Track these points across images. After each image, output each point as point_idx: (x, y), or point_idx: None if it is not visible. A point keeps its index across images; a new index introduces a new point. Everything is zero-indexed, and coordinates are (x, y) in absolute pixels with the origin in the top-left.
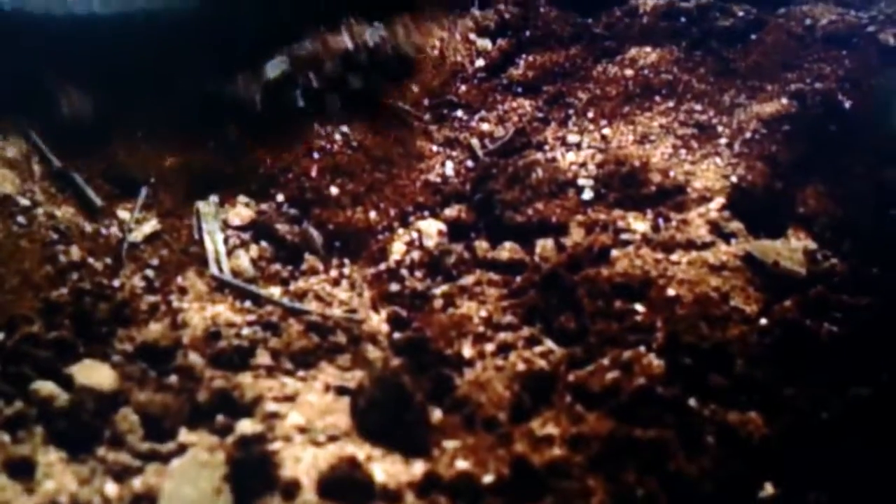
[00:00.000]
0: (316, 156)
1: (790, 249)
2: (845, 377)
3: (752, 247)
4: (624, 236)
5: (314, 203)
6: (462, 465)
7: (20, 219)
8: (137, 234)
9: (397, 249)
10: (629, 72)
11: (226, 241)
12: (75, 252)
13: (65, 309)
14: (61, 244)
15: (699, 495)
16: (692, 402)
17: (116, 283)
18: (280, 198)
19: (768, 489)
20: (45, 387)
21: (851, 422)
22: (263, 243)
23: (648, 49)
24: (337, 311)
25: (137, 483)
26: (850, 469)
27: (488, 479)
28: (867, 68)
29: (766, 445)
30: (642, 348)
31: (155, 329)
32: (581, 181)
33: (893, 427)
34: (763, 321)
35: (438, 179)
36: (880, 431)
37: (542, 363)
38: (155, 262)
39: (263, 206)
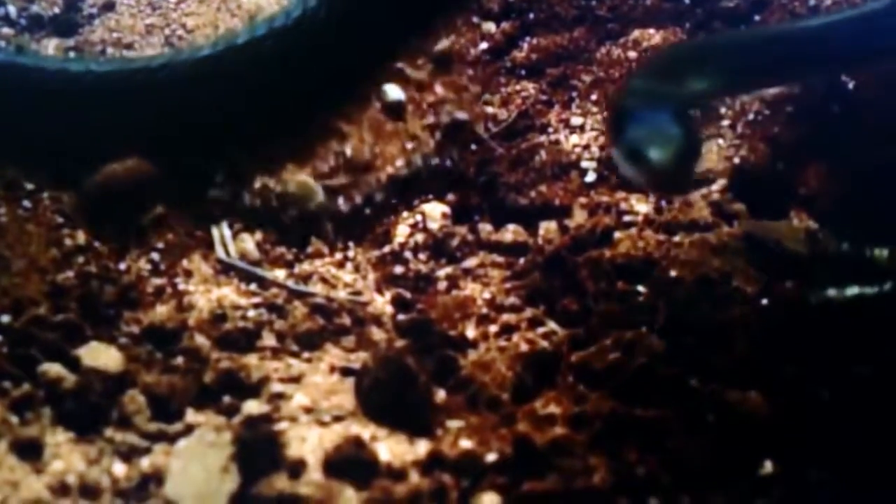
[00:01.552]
0: None
1: (792, 230)
2: (846, 356)
3: (754, 227)
4: (626, 218)
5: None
6: (466, 444)
7: (26, 203)
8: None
9: (401, 232)
10: (633, 54)
11: (231, 224)
12: (81, 236)
13: (71, 292)
14: (67, 228)
15: (699, 473)
16: (693, 381)
17: (122, 266)
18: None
19: (768, 467)
20: (53, 369)
21: (852, 401)
22: (268, 226)
23: (652, 31)
24: (342, 294)
25: (145, 463)
26: (850, 447)
27: (491, 457)
28: None
29: (766, 424)
30: (644, 329)
31: (161, 311)
32: (584, 163)
33: (892, 406)
34: (764, 301)
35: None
36: (881, 410)
37: (544, 344)
38: (160, 245)
39: None
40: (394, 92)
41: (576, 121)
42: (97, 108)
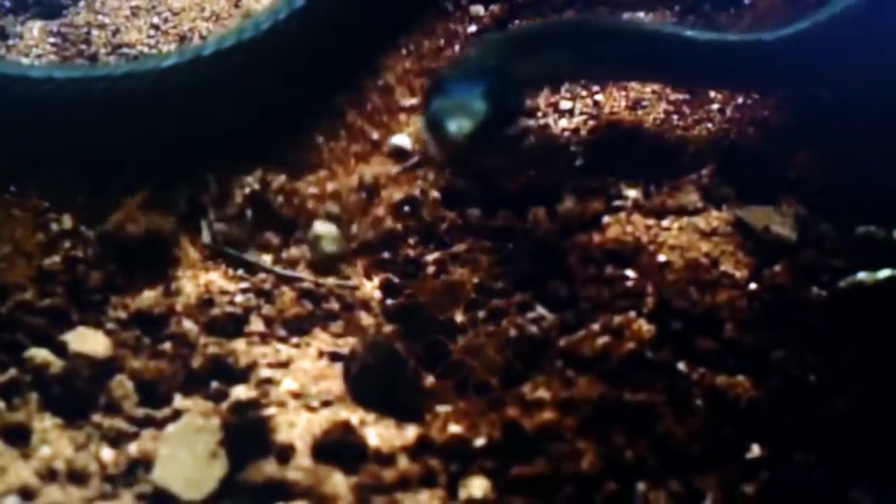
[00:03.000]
0: None
1: (781, 214)
2: (834, 341)
3: (743, 212)
4: (616, 203)
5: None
6: (454, 429)
7: (11, 187)
8: None
9: (390, 217)
10: None
11: (218, 210)
12: (67, 220)
13: (58, 277)
14: (53, 212)
15: (687, 457)
16: (681, 366)
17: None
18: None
19: (755, 451)
20: (40, 354)
21: (838, 385)
22: (256, 210)
23: (642, 14)
24: (330, 279)
25: (133, 448)
26: (836, 431)
27: (480, 442)
28: None
29: (753, 408)
30: (633, 314)
31: (148, 296)
32: (573, 147)
33: (879, 390)
34: (753, 286)
35: None
36: (867, 394)
37: (533, 329)
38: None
39: None
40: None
41: (565, 105)
42: (56, 117)
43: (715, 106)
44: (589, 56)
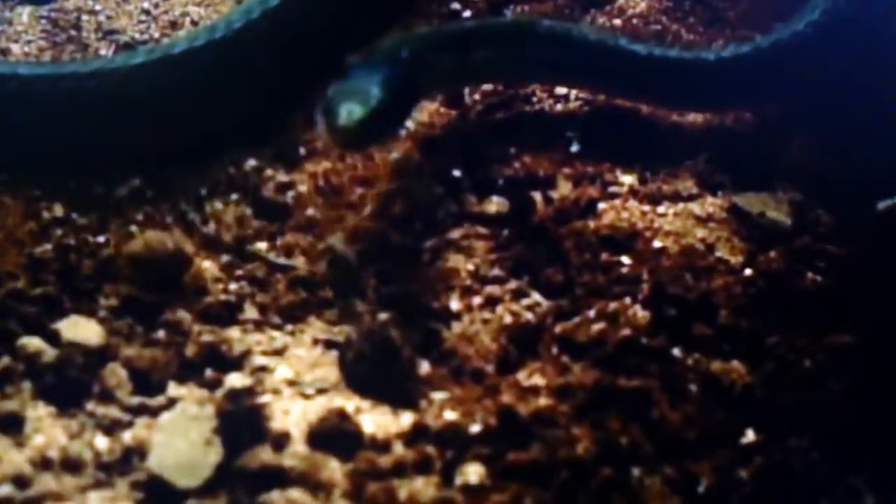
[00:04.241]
0: None
1: (776, 200)
2: (828, 326)
3: (739, 198)
4: (611, 189)
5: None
6: (450, 415)
7: (2, 174)
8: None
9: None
10: (618, 21)
11: (210, 197)
12: (59, 208)
13: (50, 265)
14: (45, 200)
15: (682, 442)
16: (676, 351)
17: (101, 238)
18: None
19: (750, 435)
20: (32, 342)
21: (833, 370)
22: (249, 199)
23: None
24: (324, 266)
25: (127, 436)
26: (830, 415)
27: (475, 428)
28: None
29: (748, 393)
30: (628, 300)
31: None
32: (569, 133)
33: (873, 375)
34: (748, 272)
35: None
36: (861, 379)
37: (528, 315)
38: (140, 217)
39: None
40: None
41: (560, 90)
42: (23, 114)
43: None
44: (515, 58)
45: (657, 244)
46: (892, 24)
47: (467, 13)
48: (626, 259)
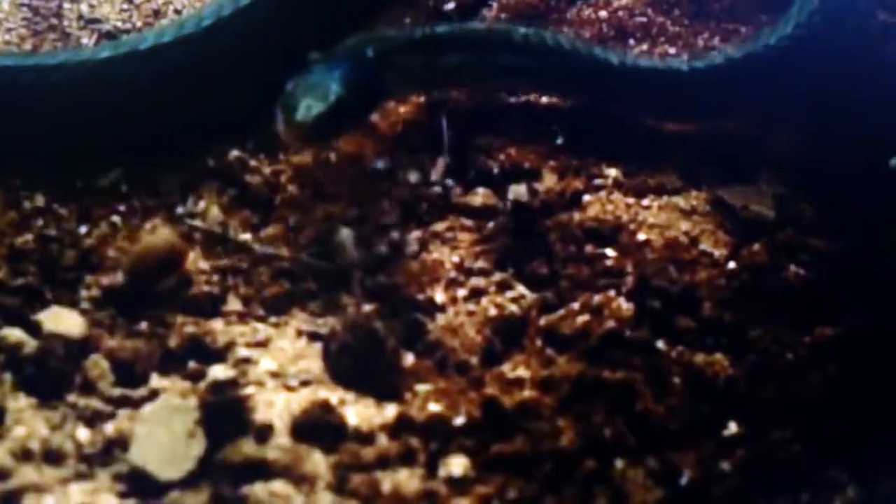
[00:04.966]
0: None
1: (760, 193)
2: (811, 319)
3: (723, 191)
4: (596, 181)
5: None
6: (434, 407)
7: None
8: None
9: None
10: (604, 13)
11: (195, 187)
12: (40, 198)
13: (31, 255)
14: (25, 190)
15: (665, 434)
16: (660, 344)
17: (83, 229)
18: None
19: (732, 428)
20: (13, 334)
21: (815, 362)
22: (232, 190)
23: None
24: (308, 257)
25: (109, 428)
26: (812, 408)
27: (459, 420)
28: None
29: (731, 386)
30: (612, 292)
31: (123, 275)
32: (554, 126)
33: (856, 367)
34: (731, 264)
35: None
36: (843, 371)
37: (513, 308)
38: (122, 207)
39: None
40: None
41: None
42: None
43: None
44: (485, 64)
45: (641, 237)
46: (868, 33)
47: (451, 5)
48: (610, 252)
